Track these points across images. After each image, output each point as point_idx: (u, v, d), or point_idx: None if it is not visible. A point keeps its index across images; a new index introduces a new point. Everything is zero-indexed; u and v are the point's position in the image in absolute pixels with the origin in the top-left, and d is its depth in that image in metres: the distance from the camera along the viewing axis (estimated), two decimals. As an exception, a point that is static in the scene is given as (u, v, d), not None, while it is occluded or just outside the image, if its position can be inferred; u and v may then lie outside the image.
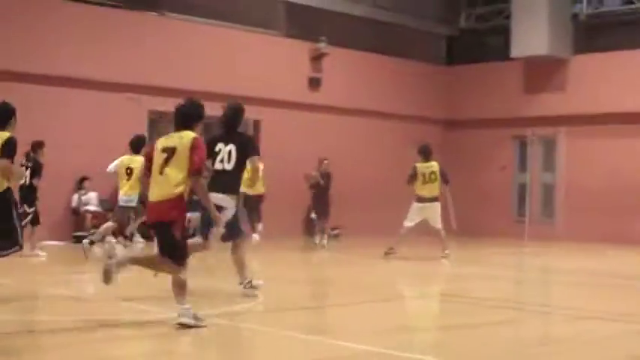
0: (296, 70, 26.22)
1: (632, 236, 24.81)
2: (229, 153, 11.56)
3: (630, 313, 11.85)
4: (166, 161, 9.46)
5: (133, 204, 17.07)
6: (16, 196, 11.89)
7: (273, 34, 26.09)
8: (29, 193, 16.87)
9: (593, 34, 28.15)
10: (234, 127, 11.90)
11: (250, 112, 24.50)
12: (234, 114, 11.99)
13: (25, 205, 16.59)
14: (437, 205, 18.70)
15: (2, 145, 10.39)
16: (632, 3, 27.56)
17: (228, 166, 11.56)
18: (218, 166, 11.55)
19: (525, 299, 13.93)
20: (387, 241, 18.98)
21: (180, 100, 10.19)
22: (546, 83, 28.05)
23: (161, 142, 9.77)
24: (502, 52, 28.46)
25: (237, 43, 24.87)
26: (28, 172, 16.85)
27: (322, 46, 26.38)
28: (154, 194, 9.48)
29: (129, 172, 16.81)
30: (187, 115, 9.93)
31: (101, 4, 22.66)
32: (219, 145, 11.62)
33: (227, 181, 11.49)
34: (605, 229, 25.46)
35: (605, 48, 27.24)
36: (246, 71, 24.72)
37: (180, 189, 9.34)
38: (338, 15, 27.47)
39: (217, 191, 11.09)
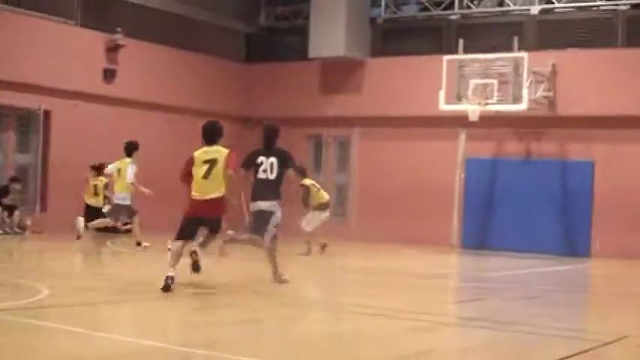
0: (90, 61, 25.49)
1: (423, 237, 25.42)
2: (271, 165, 13.57)
3: (411, 310, 12.04)
4: (210, 170, 12.58)
5: (128, 202, 19.45)
6: None
7: (67, 22, 25.28)
8: None
9: (390, 38, 28.76)
10: (273, 143, 13.95)
11: (41, 102, 24.19)
12: (272, 132, 14.02)
13: None
14: None
15: None
16: (429, 10, 28.28)
17: (271, 176, 13.58)
18: (262, 175, 13.60)
19: (316, 297, 13.96)
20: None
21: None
22: (343, 84, 28.41)
23: (201, 156, 12.84)
24: (300, 52, 28.65)
25: (28, 30, 23.94)
26: None
27: (118, 37, 25.76)
28: (203, 194, 12.58)
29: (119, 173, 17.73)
30: (215, 132, 13.12)
31: None
32: (261, 158, 13.67)
33: (271, 189, 13.58)
34: (396, 229, 26.01)
35: (401, 52, 27.85)
36: (37, 59, 23.87)
37: (222, 190, 12.60)
38: (136, 7, 26.96)
39: (263, 199, 13.48)
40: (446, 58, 24.82)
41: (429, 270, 18.91)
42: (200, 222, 12.79)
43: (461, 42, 24.86)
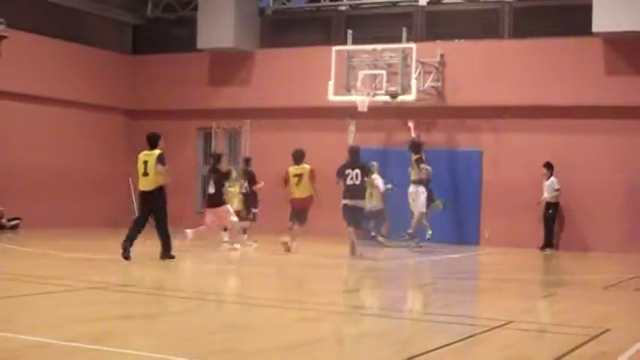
0: (-29, 53, 24.82)
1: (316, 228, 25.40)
2: (357, 174, 19.18)
3: (299, 300, 12.00)
4: (300, 178, 19.56)
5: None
6: None
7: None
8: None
9: (279, 29, 28.70)
10: (357, 159, 19.70)
11: None
12: (356, 151, 19.90)
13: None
14: None
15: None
16: (318, 1, 28.27)
17: (357, 182, 19.21)
18: (349, 182, 19.18)
19: (204, 289, 13.83)
20: (64, 233, 18.44)
21: None
22: (232, 76, 28.22)
23: (293, 171, 19.74)
24: (189, 43, 28.33)
25: None
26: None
27: (1, 28, 25.07)
28: (297, 194, 19.55)
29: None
30: (302, 155, 19.97)
31: None
32: (348, 170, 19.28)
33: (358, 191, 19.39)
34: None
35: (291, 43, 27.81)
36: None
37: (310, 191, 19.61)
38: (20, -4, 26.30)
39: (352, 198, 19.21)
40: (335, 48, 24.82)
41: (320, 260, 18.90)
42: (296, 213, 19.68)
43: (350, 33, 24.89)
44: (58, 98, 26.92)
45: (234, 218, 20.32)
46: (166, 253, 16.77)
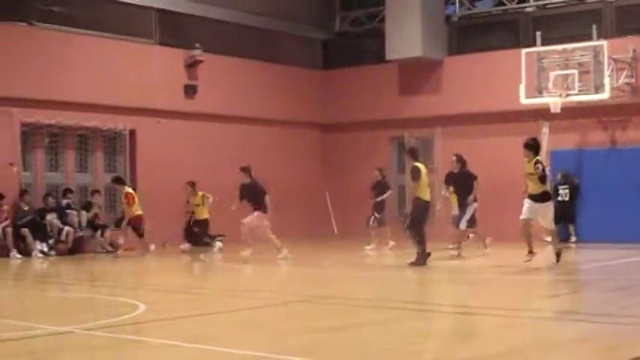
0: (171, 78, 25.94)
1: (510, 231, 25.20)
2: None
3: (504, 307, 11.99)
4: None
5: None
6: None
7: (147, 42, 25.74)
8: None
9: (467, 35, 28.66)
10: (465, 166, 20.19)
11: (125, 122, 24.66)
12: (464, 161, 20.14)
13: None
14: None
15: None
16: (504, 4, 28.11)
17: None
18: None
19: (403, 298, 13.98)
20: (265, 247, 19.13)
21: (52, 112, 10.01)
22: (422, 84, 28.39)
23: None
24: (377, 55, 28.70)
25: (110, 52, 24.47)
26: None
27: (197, 53, 26.14)
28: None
29: None
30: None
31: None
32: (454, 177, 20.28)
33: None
34: (481, 224, 25.81)
35: (479, 48, 27.74)
36: (120, 80, 24.40)
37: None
38: (212, 22, 27.29)
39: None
40: (524, 51, 24.67)
41: (522, 265, 18.70)
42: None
43: (538, 34, 24.68)
44: (254, 117, 27.80)
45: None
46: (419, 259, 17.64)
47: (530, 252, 17.23)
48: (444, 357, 8.66)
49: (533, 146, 17.19)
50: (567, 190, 24.81)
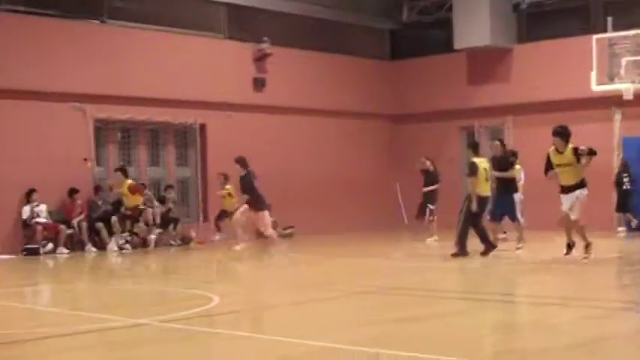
0: (240, 72, 26.09)
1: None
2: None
3: (580, 297, 11.90)
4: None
5: None
6: None
7: (215, 36, 25.95)
8: None
9: (535, 23, 28.35)
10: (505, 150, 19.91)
11: (196, 116, 24.91)
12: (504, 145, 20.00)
13: None
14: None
15: None
16: (573, -10, 27.79)
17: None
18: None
19: (474, 289, 13.95)
20: (335, 239, 19.19)
21: (125, 108, 10.15)
22: (491, 73, 28.19)
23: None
24: (445, 45, 28.58)
25: (180, 47, 24.69)
26: None
27: (265, 46, 26.27)
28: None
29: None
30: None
31: (42, 15, 22.33)
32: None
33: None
34: (551, 213, 25.58)
35: (548, 36, 27.44)
36: (190, 75, 24.61)
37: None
38: (280, 15, 27.37)
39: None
40: (595, 37, 24.34)
41: (594, 255, 18.46)
42: None
43: (609, 20, 24.34)
44: (322, 109, 27.86)
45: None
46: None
47: (587, 245, 16.50)
48: (518, 347, 8.63)
49: (564, 134, 16.51)
50: (628, 179, 24.60)
